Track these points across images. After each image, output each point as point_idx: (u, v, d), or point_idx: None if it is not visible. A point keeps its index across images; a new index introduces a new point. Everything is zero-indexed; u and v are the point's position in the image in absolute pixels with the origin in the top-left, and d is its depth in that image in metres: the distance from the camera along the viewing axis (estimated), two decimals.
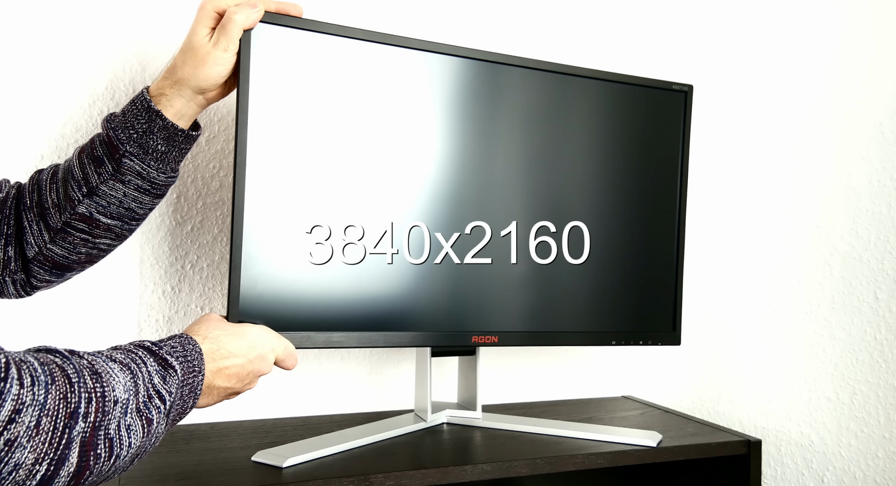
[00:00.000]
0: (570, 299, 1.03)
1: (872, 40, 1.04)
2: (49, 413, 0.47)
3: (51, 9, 0.96)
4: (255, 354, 0.71)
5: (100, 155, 0.74)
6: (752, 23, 1.23)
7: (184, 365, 0.61)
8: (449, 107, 0.93)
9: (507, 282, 0.97)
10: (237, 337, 0.71)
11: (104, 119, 0.75)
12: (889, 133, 1.01)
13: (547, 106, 1.00)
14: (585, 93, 1.02)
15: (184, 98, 0.75)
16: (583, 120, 1.03)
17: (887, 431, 0.98)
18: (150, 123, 0.74)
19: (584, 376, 1.30)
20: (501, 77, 0.96)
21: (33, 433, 0.46)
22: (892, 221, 1.00)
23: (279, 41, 0.81)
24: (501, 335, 0.97)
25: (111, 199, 0.74)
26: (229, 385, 0.68)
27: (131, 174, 0.74)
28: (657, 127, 1.07)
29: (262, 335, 0.74)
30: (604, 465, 0.92)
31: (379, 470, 0.81)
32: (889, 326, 0.99)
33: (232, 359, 0.68)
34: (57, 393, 0.48)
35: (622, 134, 1.05)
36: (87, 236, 0.75)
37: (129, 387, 0.54)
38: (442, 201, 0.92)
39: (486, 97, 0.96)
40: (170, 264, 1.03)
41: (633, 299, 1.06)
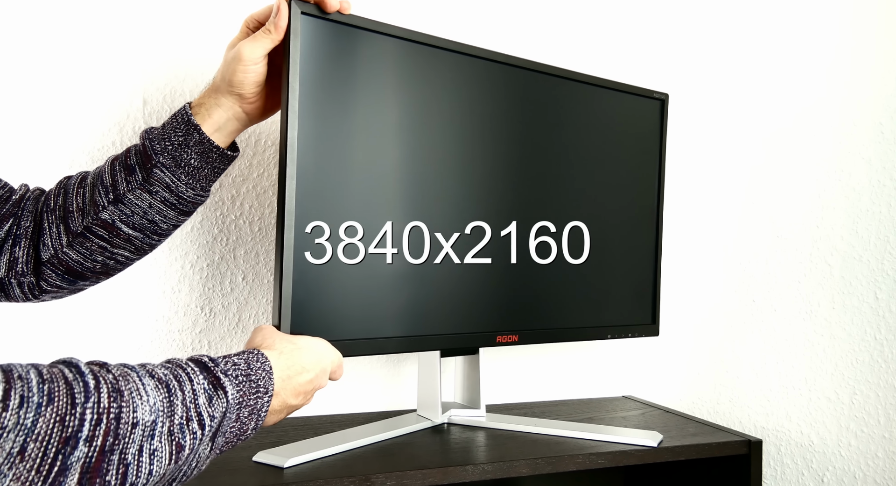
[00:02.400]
0: (572, 296, 1.05)
1: (873, 40, 1.04)
2: (38, 438, 0.42)
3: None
4: (321, 368, 0.69)
5: (132, 164, 0.74)
6: (743, 25, 1.24)
7: (242, 386, 0.58)
8: (449, 106, 0.93)
9: (509, 281, 0.98)
10: (306, 351, 0.68)
11: (143, 131, 0.76)
12: (889, 133, 1.01)
13: (545, 107, 1.01)
14: (578, 96, 1.05)
15: (222, 109, 0.76)
16: (578, 122, 1.05)
17: (887, 431, 0.99)
18: (187, 136, 0.74)
19: (584, 376, 1.30)
20: (501, 77, 0.97)
21: (17, 460, 0.41)
22: (892, 221, 1.00)
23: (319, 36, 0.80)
24: (522, 334, 1.00)
25: (136, 208, 0.73)
26: (297, 402, 0.66)
27: (160, 185, 0.74)
28: (639, 131, 1.13)
29: (325, 348, 0.72)
30: (604, 465, 0.92)
31: (380, 470, 0.81)
32: (889, 326, 0.99)
33: (304, 374, 0.66)
34: (52, 415, 0.43)
35: (613, 137, 1.09)
36: (105, 245, 0.74)
37: (158, 408, 0.50)
38: (442, 201, 0.92)
39: (486, 96, 0.96)
40: (169, 264, 1.03)
41: (623, 295, 1.12)
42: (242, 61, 0.74)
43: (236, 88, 0.75)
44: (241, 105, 0.77)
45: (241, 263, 1.06)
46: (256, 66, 0.75)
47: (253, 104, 0.78)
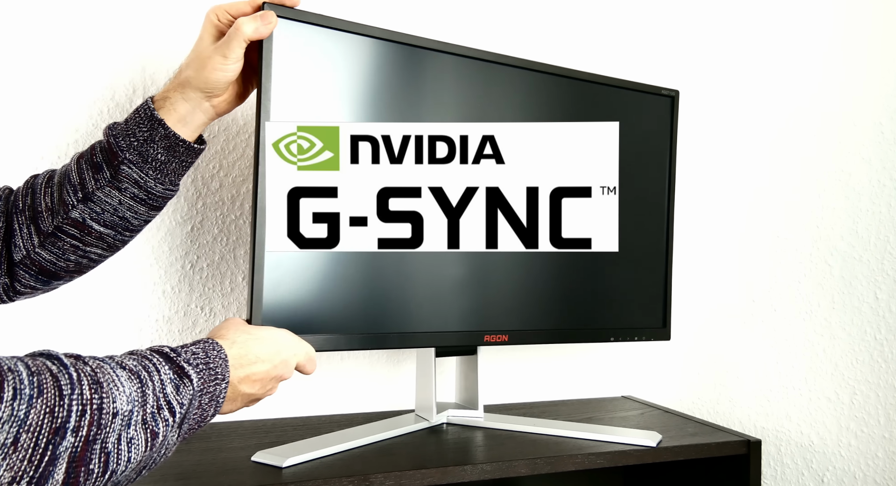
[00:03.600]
0: (576, 297, 1.04)
1: (873, 40, 1.04)
2: (30, 429, 0.44)
3: (54, 14, 0.96)
4: (280, 359, 0.70)
5: (99, 161, 0.73)
6: (750, 23, 1.23)
7: (203, 373, 0.60)
8: (449, 106, 0.93)
9: (512, 280, 0.98)
10: (263, 342, 0.69)
11: (106, 127, 0.75)
12: (889, 133, 1.01)
13: (548, 106, 1.01)
14: (582, 94, 1.03)
15: (189, 103, 0.75)
16: (580, 120, 1.03)
17: (887, 431, 0.98)
18: (152, 131, 0.73)
19: (584, 376, 1.30)
20: (501, 77, 0.96)
21: (10, 451, 0.43)
22: (892, 221, 1.00)
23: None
24: (511, 334, 0.99)
25: (106, 206, 0.73)
26: (253, 391, 0.67)
27: (128, 182, 0.73)
28: (648, 129, 1.10)
29: (287, 340, 0.73)
30: (604, 465, 0.92)
31: (379, 470, 0.81)
32: (889, 326, 0.99)
33: (259, 364, 0.67)
34: (42, 407, 0.45)
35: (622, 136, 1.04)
36: (77, 243, 0.74)
37: (134, 398, 0.52)
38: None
39: (485, 96, 0.96)
40: (169, 264, 1.03)
41: (630, 297, 1.09)
42: (224, 61, 0.74)
43: (212, 85, 0.75)
44: (209, 100, 0.77)
45: (241, 263, 1.07)
46: (236, 64, 0.75)
47: (221, 97, 0.78)
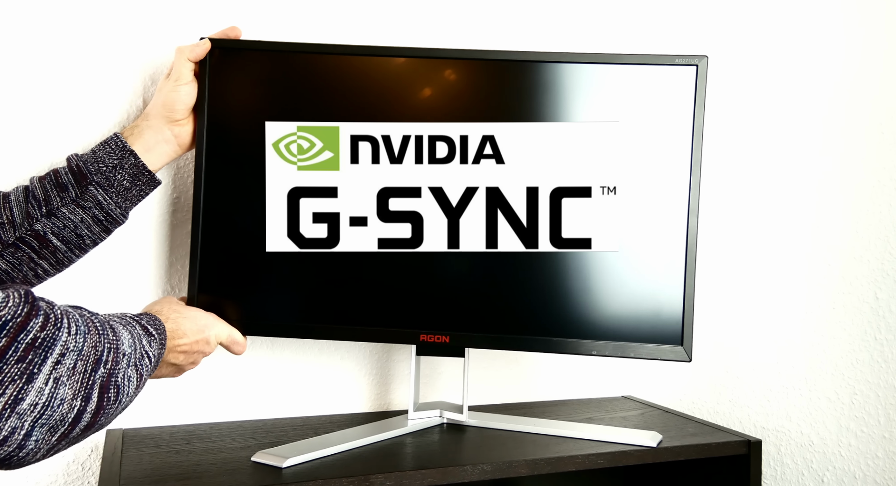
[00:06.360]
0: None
1: (873, 40, 1.04)
2: (83, 358, 0.57)
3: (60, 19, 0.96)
4: (202, 336, 0.82)
5: (65, 182, 0.82)
6: (749, 25, 1.23)
7: (155, 337, 0.71)
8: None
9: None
10: (190, 320, 0.81)
11: (70, 155, 0.84)
12: (889, 133, 1.01)
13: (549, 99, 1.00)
14: (583, 79, 0.95)
15: (152, 130, 0.86)
16: (588, 109, 0.95)
17: (887, 431, 0.99)
18: (122, 159, 0.84)
19: (584, 376, 1.30)
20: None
21: (71, 373, 0.56)
22: (892, 221, 1.00)
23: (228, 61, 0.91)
24: (452, 336, 0.94)
25: (67, 221, 0.81)
26: (178, 362, 0.79)
27: (92, 202, 0.82)
28: (661, 111, 0.94)
29: (210, 321, 0.85)
30: (604, 465, 0.92)
31: (379, 470, 0.81)
32: (889, 326, 0.99)
33: (184, 339, 0.79)
34: (90, 342, 0.58)
35: (626, 122, 0.95)
36: (33, 255, 0.80)
37: (131, 343, 0.64)
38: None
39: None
40: (170, 264, 1.03)
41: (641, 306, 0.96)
42: (175, 83, 0.87)
43: (169, 105, 0.87)
44: (170, 126, 0.87)
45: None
46: (187, 86, 0.87)
47: (183, 127, 0.89)
